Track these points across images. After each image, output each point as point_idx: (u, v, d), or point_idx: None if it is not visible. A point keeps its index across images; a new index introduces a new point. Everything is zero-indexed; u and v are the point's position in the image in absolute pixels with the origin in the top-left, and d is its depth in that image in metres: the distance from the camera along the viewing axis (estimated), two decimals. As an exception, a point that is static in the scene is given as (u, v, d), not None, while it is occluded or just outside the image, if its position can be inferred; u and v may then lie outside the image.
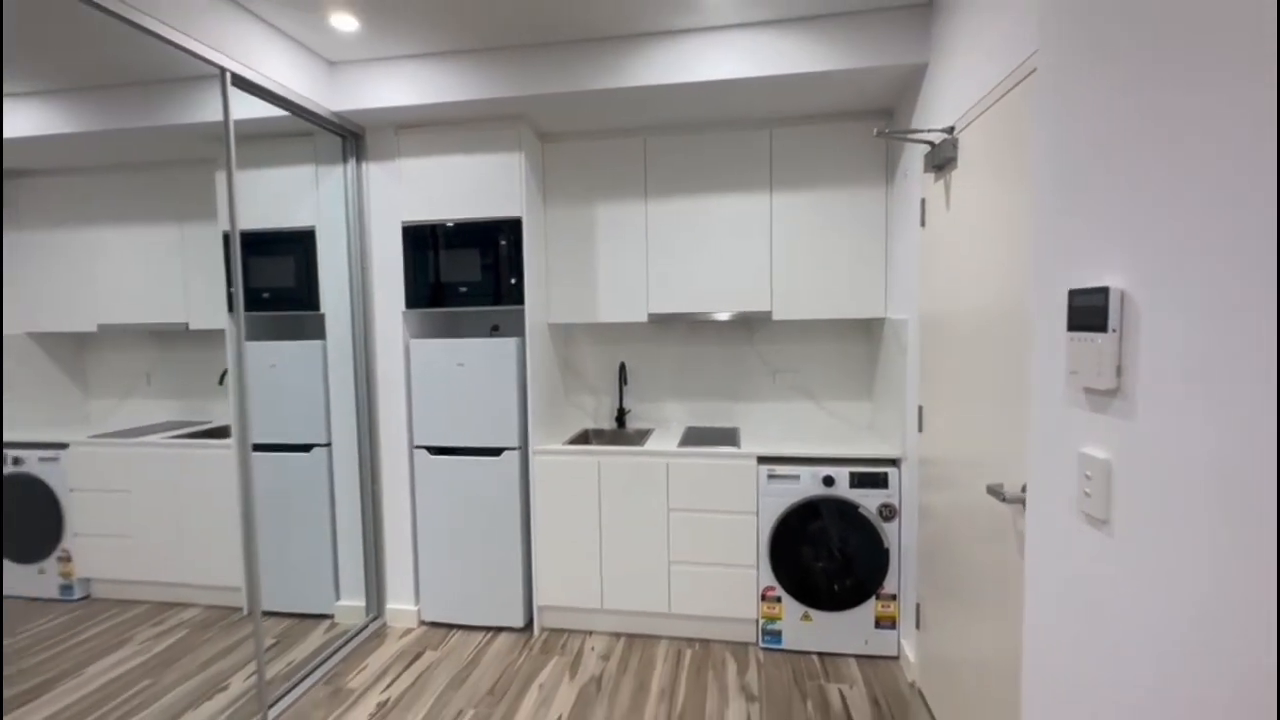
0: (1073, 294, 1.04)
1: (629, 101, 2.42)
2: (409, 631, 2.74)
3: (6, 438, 3.06)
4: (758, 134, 2.66)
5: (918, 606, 2.24)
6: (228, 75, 1.98)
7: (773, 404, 3.03)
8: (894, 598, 2.41)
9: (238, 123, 2.21)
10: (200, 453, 2.89)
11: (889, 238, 2.57)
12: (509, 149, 2.59)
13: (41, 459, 3.03)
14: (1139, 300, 0.91)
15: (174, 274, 3.16)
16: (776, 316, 2.70)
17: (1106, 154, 0.99)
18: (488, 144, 2.60)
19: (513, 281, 2.63)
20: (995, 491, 1.45)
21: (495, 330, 3.10)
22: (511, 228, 2.61)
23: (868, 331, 2.90)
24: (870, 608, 2.43)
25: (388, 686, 2.32)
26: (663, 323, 3.03)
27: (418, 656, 2.53)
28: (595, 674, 2.38)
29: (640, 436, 2.90)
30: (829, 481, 2.42)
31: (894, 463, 2.41)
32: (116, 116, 2.62)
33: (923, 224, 2.13)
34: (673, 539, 2.57)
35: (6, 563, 2.99)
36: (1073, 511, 1.08)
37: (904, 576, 2.38)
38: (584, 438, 3.01)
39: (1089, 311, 0.99)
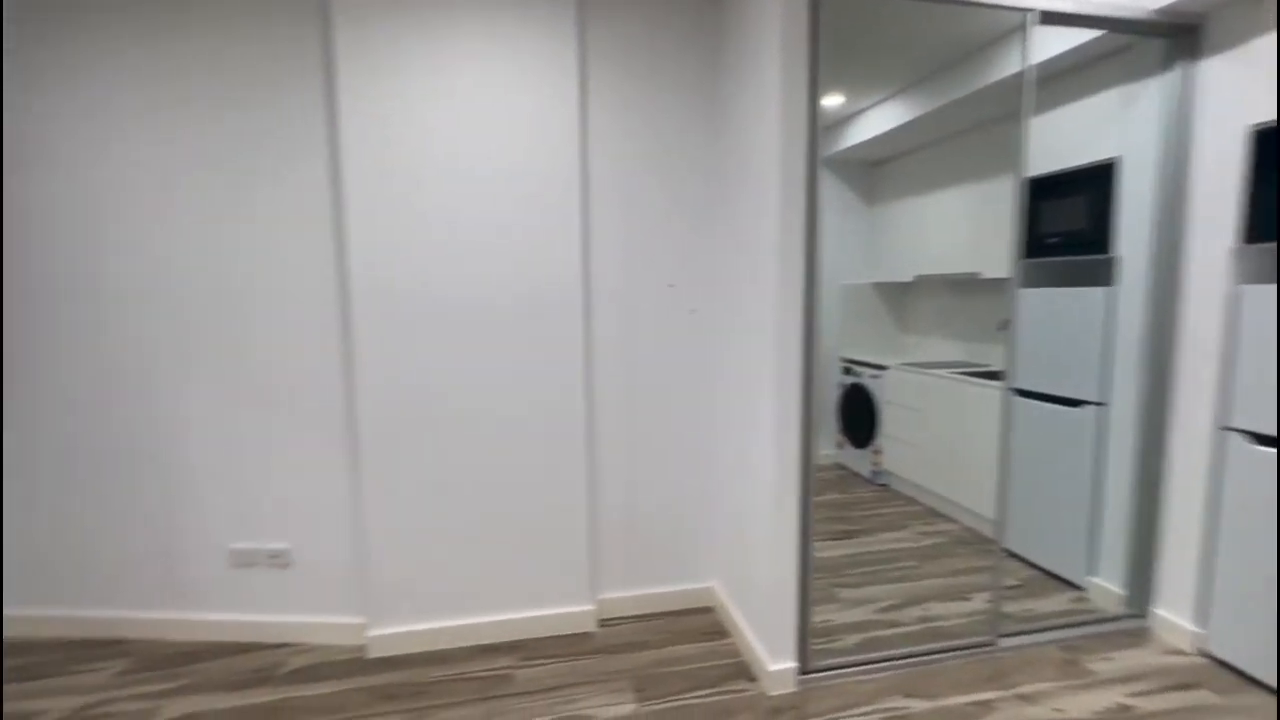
0: None
1: None
2: (1177, 652, 2.20)
3: (854, 356, 4.33)
4: None
5: None
6: (1029, 17, 1.99)
7: None
8: None
9: (1042, 64, 2.20)
10: (974, 390, 3.20)
11: None
12: None
13: (871, 376, 4.10)
14: None
15: (969, 229, 3.53)
16: None
17: None
18: None
19: None
20: None
21: None
22: None
23: None
24: None
25: (1135, 695, 1.98)
26: None
27: (1186, 687, 2.01)
28: None
29: None
30: None
31: None
32: (940, 95, 3.10)
33: None
34: None
35: (849, 446, 4.30)
36: None
37: None
38: None
39: None
